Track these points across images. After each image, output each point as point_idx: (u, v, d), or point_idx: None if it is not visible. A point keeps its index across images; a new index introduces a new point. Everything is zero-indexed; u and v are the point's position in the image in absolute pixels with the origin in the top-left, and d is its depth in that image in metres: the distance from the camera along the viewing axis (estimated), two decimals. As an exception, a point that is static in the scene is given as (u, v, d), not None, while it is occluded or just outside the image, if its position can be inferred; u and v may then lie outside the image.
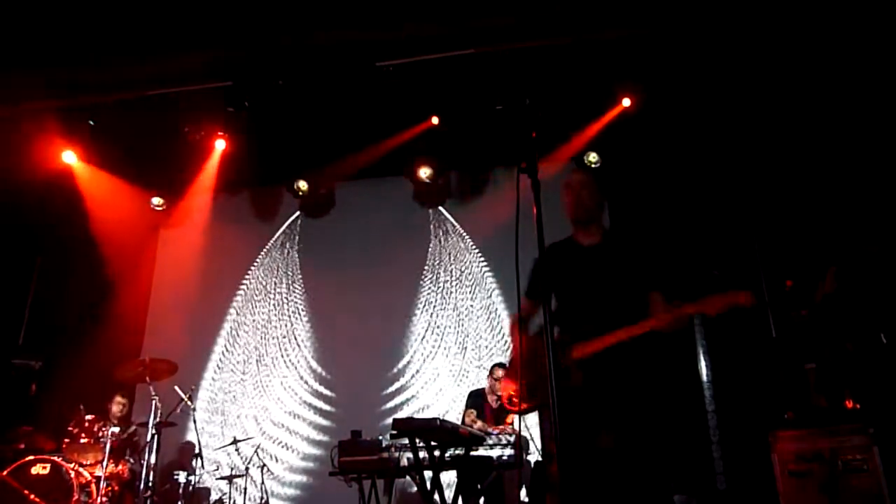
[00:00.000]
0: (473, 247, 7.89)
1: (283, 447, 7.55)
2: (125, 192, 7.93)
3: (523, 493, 6.28)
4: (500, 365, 6.26)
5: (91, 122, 7.19)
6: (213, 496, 6.90)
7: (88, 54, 6.37)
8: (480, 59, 6.40)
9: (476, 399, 6.09)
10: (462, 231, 7.98)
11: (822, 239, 5.73)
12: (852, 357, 4.02)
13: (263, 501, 6.85)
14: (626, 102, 6.72)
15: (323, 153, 7.74)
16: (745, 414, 5.73)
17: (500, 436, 5.14)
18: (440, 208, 8.11)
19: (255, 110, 7.11)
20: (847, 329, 4.14)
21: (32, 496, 5.31)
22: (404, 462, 4.96)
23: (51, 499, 5.35)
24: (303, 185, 7.83)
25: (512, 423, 5.51)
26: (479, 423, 5.76)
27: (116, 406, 6.45)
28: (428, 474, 4.55)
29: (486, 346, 7.48)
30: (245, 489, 6.61)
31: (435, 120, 7.15)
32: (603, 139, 7.04)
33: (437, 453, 4.47)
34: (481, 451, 4.91)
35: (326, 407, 7.61)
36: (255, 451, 6.86)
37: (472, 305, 7.69)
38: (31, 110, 6.72)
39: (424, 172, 7.54)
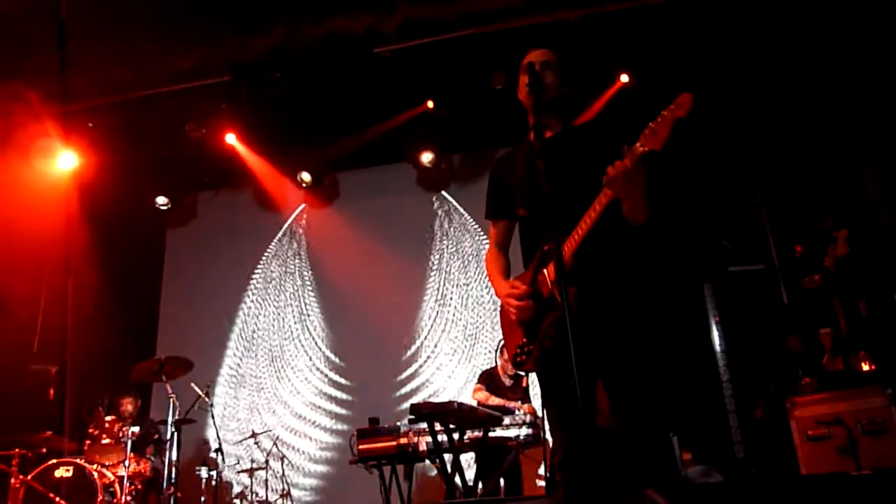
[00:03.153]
0: (477, 228, 7.89)
1: (301, 438, 7.61)
2: (129, 194, 7.94)
3: (542, 469, 6.32)
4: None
5: (90, 125, 7.19)
6: (236, 489, 6.96)
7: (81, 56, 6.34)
8: (478, 39, 6.35)
9: (489, 379, 6.10)
10: (466, 214, 7.97)
11: (830, 203, 5.70)
12: (867, 319, 4.01)
13: (285, 493, 6.92)
14: (625, 79, 6.66)
15: (325, 143, 7.73)
16: (760, 382, 5.72)
17: (517, 414, 5.16)
18: (443, 192, 8.10)
19: (255, 105, 7.10)
20: (861, 291, 4.13)
21: (58, 499, 5.36)
22: (423, 447, 4.99)
23: (76, 500, 5.40)
24: (306, 176, 7.82)
25: (532, 408, 5.52)
26: (496, 399, 5.78)
27: (126, 407, 6.48)
28: (448, 457, 4.59)
29: (495, 328, 7.48)
30: (266, 481, 6.68)
31: (430, 104, 7.11)
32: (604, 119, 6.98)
33: (455, 436, 4.50)
34: (499, 432, 4.94)
35: (342, 395, 7.66)
36: (274, 443, 6.92)
37: (479, 286, 7.70)
38: (30, 116, 6.70)
39: (426, 157, 7.52)
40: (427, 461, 5.49)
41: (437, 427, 4.51)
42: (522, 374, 5.70)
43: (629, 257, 2.59)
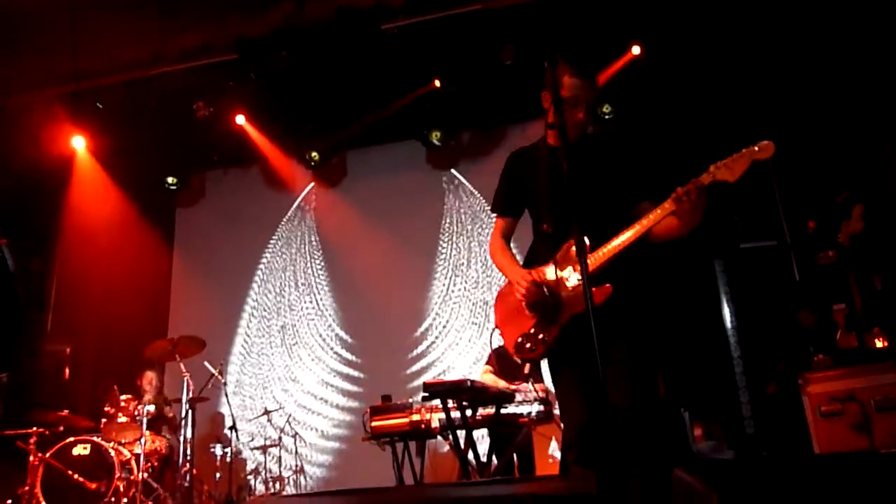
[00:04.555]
0: (486, 207, 7.87)
1: (314, 415, 7.67)
2: (139, 174, 7.96)
3: (553, 446, 6.36)
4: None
5: (98, 105, 7.18)
6: (250, 466, 7.05)
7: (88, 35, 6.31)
8: (487, 15, 6.28)
9: (499, 360, 6.11)
10: (475, 191, 7.95)
11: (843, 178, 5.64)
12: (882, 295, 4.00)
13: (298, 469, 7.01)
14: (636, 50, 6.58)
15: (333, 121, 7.70)
16: (771, 358, 5.73)
17: (528, 392, 5.18)
18: (453, 170, 8.07)
19: (262, 83, 7.06)
20: (876, 267, 4.11)
21: (76, 476, 5.44)
22: (436, 423, 5.03)
23: (94, 477, 5.47)
24: (315, 154, 7.79)
25: (544, 385, 5.54)
26: (503, 383, 5.80)
27: (147, 382, 6.56)
28: (461, 434, 4.63)
29: (508, 305, 7.49)
30: (280, 458, 6.76)
31: (437, 83, 7.06)
32: (615, 90, 6.91)
33: (468, 413, 4.53)
34: (511, 409, 4.97)
35: (353, 373, 7.71)
36: (287, 421, 7.00)
37: (488, 264, 7.70)
38: (39, 98, 6.70)
39: (436, 135, 7.48)
40: (439, 437, 5.54)
41: (450, 404, 4.54)
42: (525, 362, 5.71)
43: (653, 260, 2.67)
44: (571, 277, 2.61)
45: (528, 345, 2.68)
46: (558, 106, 2.40)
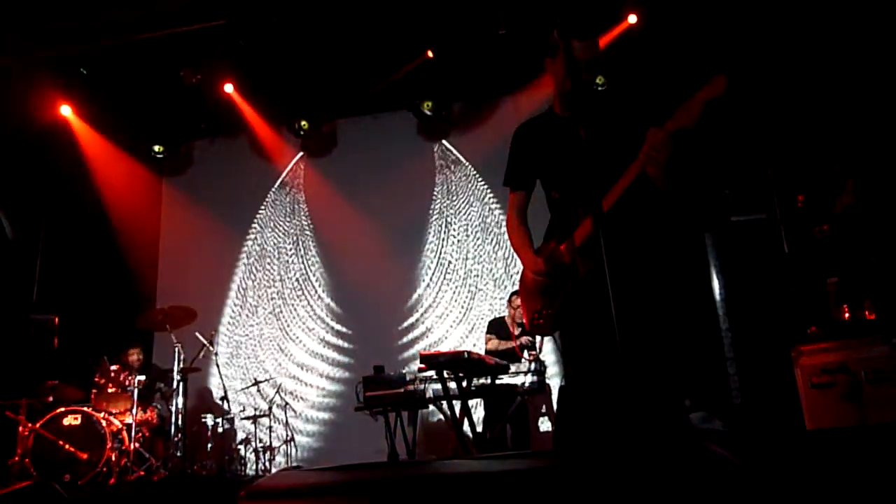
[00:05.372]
0: (478, 177, 7.84)
1: (304, 385, 7.69)
2: (125, 142, 7.83)
3: (544, 417, 6.44)
4: (518, 293, 6.33)
5: (83, 71, 7.00)
6: (240, 436, 7.06)
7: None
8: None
9: (499, 328, 6.16)
10: (466, 162, 7.91)
11: (832, 152, 5.67)
12: (875, 269, 4.05)
13: (289, 438, 7.03)
14: (633, 19, 6.52)
15: (322, 90, 7.58)
16: (760, 331, 5.80)
17: (523, 362, 5.24)
18: (444, 141, 8.01)
19: (251, 50, 6.92)
20: (869, 241, 4.15)
21: (67, 446, 5.42)
22: (429, 393, 5.07)
23: (85, 447, 5.45)
24: (304, 123, 7.69)
25: (537, 356, 5.59)
26: (504, 344, 5.86)
27: (133, 357, 6.51)
28: (456, 404, 4.67)
29: (498, 276, 7.51)
30: (270, 428, 6.78)
31: (430, 53, 6.96)
32: (608, 60, 6.85)
33: (464, 384, 4.57)
34: (506, 380, 5.02)
35: (344, 343, 7.71)
36: (277, 391, 7.00)
37: (479, 236, 7.70)
38: (22, 64, 6.52)
39: (427, 105, 7.40)
40: (431, 407, 5.60)
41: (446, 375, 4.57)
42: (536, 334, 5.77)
43: (648, 223, 2.65)
44: (568, 251, 2.64)
45: (539, 321, 2.79)
46: (575, 75, 2.37)
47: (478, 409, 6.29)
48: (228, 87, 7.42)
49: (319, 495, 1.32)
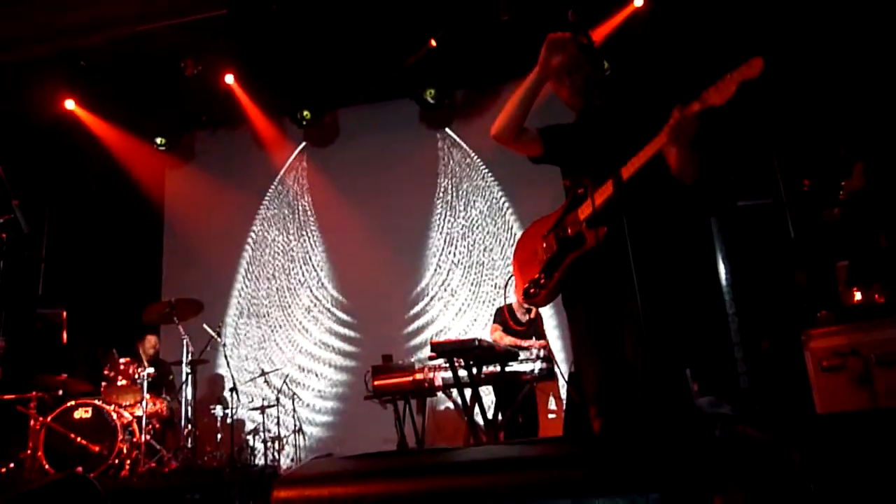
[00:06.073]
0: (481, 165, 7.82)
1: (312, 375, 7.71)
2: (127, 135, 7.81)
3: (552, 402, 6.47)
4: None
5: (82, 63, 6.97)
6: (249, 427, 7.09)
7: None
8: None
9: (504, 318, 6.16)
10: (470, 150, 7.89)
11: (838, 136, 5.66)
12: (885, 251, 4.06)
13: (297, 429, 7.06)
14: (639, 2, 6.46)
15: (324, 79, 7.55)
16: (767, 315, 5.82)
17: (532, 349, 5.26)
18: (447, 129, 7.99)
19: (252, 39, 6.89)
20: (879, 224, 4.16)
21: (79, 439, 5.44)
22: (438, 381, 5.09)
23: (96, 440, 5.48)
24: (306, 113, 7.67)
25: (546, 342, 5.60)
26: (509, 339, 5.86)
27: (149, 346, 6.55)
28: (467, 392, 4.69)
29: (502, 263, 7.52)
30: (278, 418, 6.81)
31: (433, 42, 6.93)
32: (613, 45, 6.81)
33: (474, 371, 4.58)
34: (515, 367, 5.03)
35: (350, 333, 7.72)
36: (285, 381, 7.03)
37: (484, 225, 7.69)
38: (28, 58, 6.50)
39: (430, 93, 7.38)
40: (440, 395, 5.61)
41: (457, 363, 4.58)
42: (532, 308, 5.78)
43: (657, 206, 2.64)
44: (574, 222, 2.64)
45: (532, 290, 2.79)
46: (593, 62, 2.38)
47: (486, 396, 6.31)
48: (229, 78, 7.40)
49: (359, 480, 1.33)
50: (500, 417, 5.11)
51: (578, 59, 2.63)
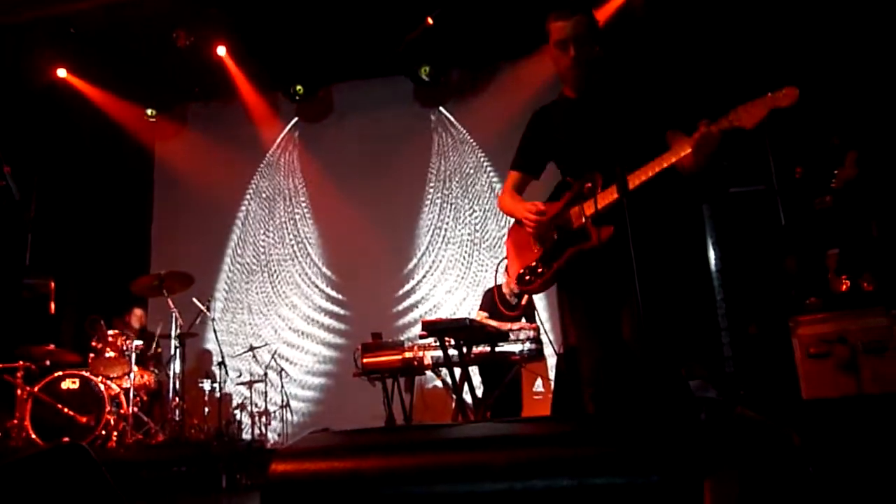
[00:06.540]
0: (475, 144, 7.80)
1: (300, 351, 7.71)
2: (118, 105, 7.70)
3: (539, 384, 6.51)
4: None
5: (72, 31, 6.85)
6: (236, 401, 7.10)
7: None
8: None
9: (492, 303, 6.16)
10: (464, 129, 7.86)
11: (830, 125, 5.67)
12: (877, 240, 4.09)
13: (284, 404, 7.08)
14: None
15: (318, 54, 7.47)
16: (755, 301, 5.86)
17: (521, 331, 5.27)
18: (441, 108, 7.94)
19: (246, 11, 6.80)
20: (871, 213, 4.19)
21: (66, 410, 5.42)
22: (428, 360, 5.10)
23: (84, 411, 5.46)
24: (299, 88, 7.59)
25: (537, 326, 5.63)
26: (495, 324, 5.88)
27: (136, 319, 6.52)
28: (456, 371, 4.71)
29: (493, 244, 7.52)
30: (266, 393, 6.82)
31: (430, 20, 6.85)
32: (607, 32, 6.77)
33: (465, 350, 4.60)
34: (504, 347, 5.05)
35: (340, 310, 7.72)
36: (273, 357, 7.03)
37: (475, 203, 7.69)
38: (14, 23, 6.37)
39: (425, 70, 7.33)
40: (428, 373, 5.64)
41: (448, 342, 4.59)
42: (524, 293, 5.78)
43: (654, 195, 2.62)
44: (579, 215, 2.65)
45: (527, 277, 2.80)
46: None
47: (475, 376, 6.34)
48: (221, 50, 7.29)
49: (358, 454, 1.34)
50: (486, 397, 5.14)
51: (590, 31, 2.67)
